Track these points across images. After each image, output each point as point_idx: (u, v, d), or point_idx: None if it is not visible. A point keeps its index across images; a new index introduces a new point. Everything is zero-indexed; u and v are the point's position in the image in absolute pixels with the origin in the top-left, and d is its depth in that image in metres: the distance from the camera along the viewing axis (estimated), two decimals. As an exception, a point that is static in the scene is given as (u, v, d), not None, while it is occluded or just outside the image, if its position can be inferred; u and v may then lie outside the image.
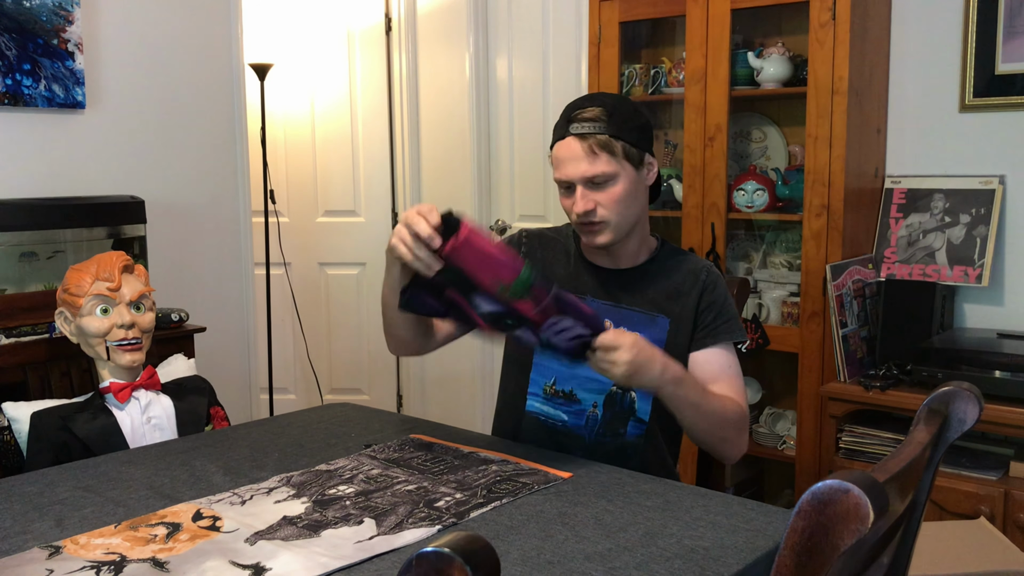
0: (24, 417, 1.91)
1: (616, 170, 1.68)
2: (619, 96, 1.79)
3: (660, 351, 1.58)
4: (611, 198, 1.69)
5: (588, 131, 1.67)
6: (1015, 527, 2.31)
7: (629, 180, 1.70)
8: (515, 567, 1.17)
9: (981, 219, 2.71)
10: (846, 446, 2.63)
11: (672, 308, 1.76)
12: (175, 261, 3.22)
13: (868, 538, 0.83)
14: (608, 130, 1.67)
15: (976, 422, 1.20)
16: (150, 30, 3.15)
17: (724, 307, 1.77)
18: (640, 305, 1.77)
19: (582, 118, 1.69)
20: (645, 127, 1.74)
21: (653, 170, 1.76)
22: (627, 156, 1.69)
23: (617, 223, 1.71)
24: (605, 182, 1.68)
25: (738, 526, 1.31)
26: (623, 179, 1.69)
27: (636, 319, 1.76)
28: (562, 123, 1.72)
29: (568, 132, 1.69)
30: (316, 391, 4.37)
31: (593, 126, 1.67)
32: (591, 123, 1.68)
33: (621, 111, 1.70)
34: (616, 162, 1.68)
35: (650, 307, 1.76)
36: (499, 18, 3.82)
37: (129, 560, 1.21)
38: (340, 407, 2.01)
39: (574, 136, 1.68)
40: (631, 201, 1.71)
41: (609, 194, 1.69)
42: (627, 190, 1.70)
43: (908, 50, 2.85)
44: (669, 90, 3.14)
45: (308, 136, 4.31)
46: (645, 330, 1.74)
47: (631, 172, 1.70)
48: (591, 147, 1.67)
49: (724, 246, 2.93)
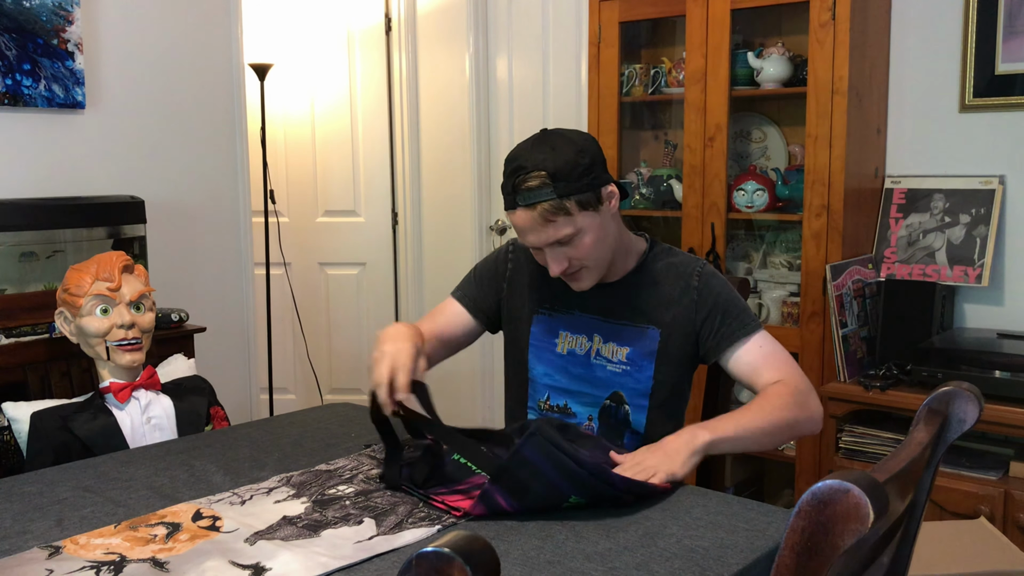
0: (24, 417, 1.91)
1: (578, 226, 1.62)
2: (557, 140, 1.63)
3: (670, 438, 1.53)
4: (583, 250, 1.64)
5: (535, 200, 1.59)
6: (1015, 527, 2.31)
7: (594, 227, 1.64)
8: (515, 567, 1.17)
9: (981, 219, 2.71)
10: (846, 446, 2.63)
11: (663, 317, 1.73)
12: (175, 261, 3.22)
13: (868, 538, 0.83)
14: (556, 193, 1.58)
15: (976, 422, 1.20)
16: (150, 30, 3.15)
17: (729, 306, 1.72)
18: (629, 317, 1.75)
19: (526, 187, 1.60)
20: (591, 167, 1.62)
21: (614, 198, 1.68)
22: (583, 207, 1.61)
23: (595, 266, 1.68)
24: (570, 240, 1.63)
25: (738, 526, 1.31)
26: (588, 230, 1.63)
27: (625, 333, 1.74)
28: (508, 189, 1.63)
29: (516, 204, 1.62)
30: (316, 391, 4.37)
31: (539, 193, 1.59)
32: (535, 191, 1.59)
33: (562, 166, 1.59)
34: (573, 220, 1.61)
35: (639, 319, 1.74)
36: (499, 18, 3.82)
37: (129, 560, 1.21)
38: (340, 407, 2.01)
39: (522, 208, 1.61)
40: (602, 243, 1.67)
41: (579, 248, 1.64)
42: (595, 236, 1.64)
43: (908, 50, 2.85)
44: (669, 90, 3.14)
45: (308, 136, 4.31)
46: (635, 342, 1.73)
47: (593, 219, 1.63)
48: (543, 216, 1.59)
49: (724, 246, 2.93)
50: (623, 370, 1.73)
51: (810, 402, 1.65)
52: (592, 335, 1.76)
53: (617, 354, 1.74)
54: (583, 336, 1.77)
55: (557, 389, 1.79)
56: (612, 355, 1.74)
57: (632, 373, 1.73)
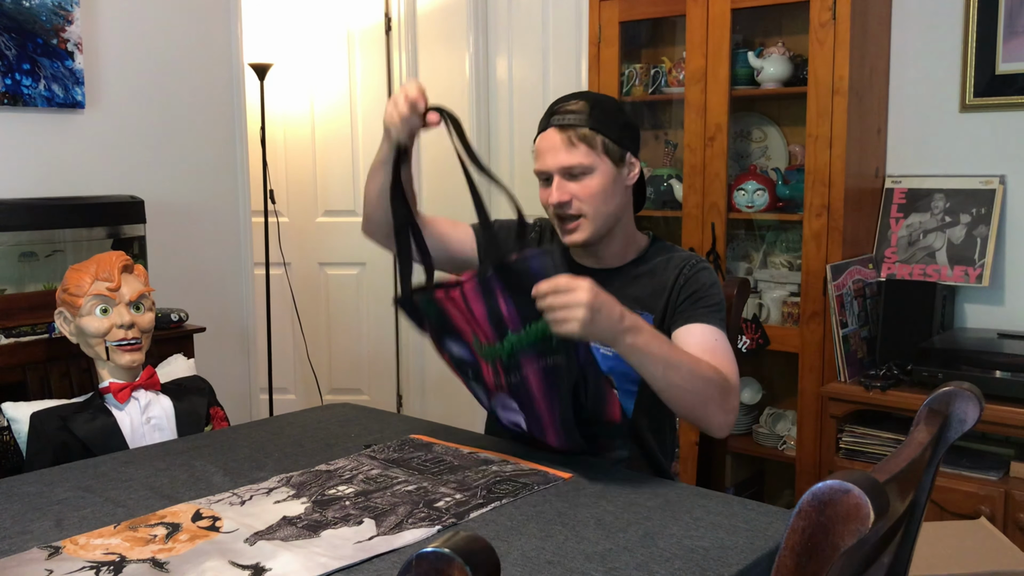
0: (24, 417, 1.91)
1: (593, 162, 1.67)
2: (605, 95, 1.79)
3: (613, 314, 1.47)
4: (587, 191, 1.68)
5: (568, 123, 1.67)
6: (1015, 527, 2.31)
7: (607, 175, 1.69)
8: (515, 567, 1.17)
9: (981, 219, 2.71)
10: (846, 446, 2.63)
11: (656, 304, 1.74)
12: (175, 261, 3.21)
13: (868, 538, 0.82)
14: (588, 123, 1.67)
15: (976, 422, 1.20)
16: (150, 30, 3.15)
17: (703, 294, 1.70)
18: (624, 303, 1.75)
19: (564, 110, 1.69)
20: (629, 126, 1.73)
21: (635, 170, 1.75)
22: (606, 151, 1.68)
23: (593, 217, 1.70)
24: (582, 174, 1.68)
25: (738, 526, 1.31)
26: (600, 173, 1.68)
27: None
28: (545, 116, 1.73)
29: (549, 124, 1.70)
30: (316, 391, 4.37)
31: (574, 118, 1.68)
32: (572, 115, 1.68)
33: (604, 107, 1.70)
34: (594, 155, 1.67)
35: (634, 305, 1.73)
36: (499, 18, 3.82)
37: (129, 560, 1.21)
38: (340, 407, 2.01)
39: (555, 127, 1.69)
40: (608, 197, 1.70)
41: (585, 186, 1.68)
42: (604, 185, 1.69)
43: (908, 50, 2.85)
44: (669, 90, 3.14)
45: (308, 136, 4.31)
46: None
47: (609, 167, 1.69)
48: (570, 138, 1.67)
49: (724, 246, 2.93)
50: (613, 354, 1.73)
51: (728, 401, 1.58)
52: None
53: None
54: None
55: None
56: None
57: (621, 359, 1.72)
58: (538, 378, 1.52)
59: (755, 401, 3.07)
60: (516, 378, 1.54)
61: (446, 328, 1.60)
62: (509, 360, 1.52)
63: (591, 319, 1.42)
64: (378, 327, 4.31)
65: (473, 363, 1.60)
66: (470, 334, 1.56)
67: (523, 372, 1.53)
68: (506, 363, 1.53)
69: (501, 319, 1.50)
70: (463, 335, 1.58)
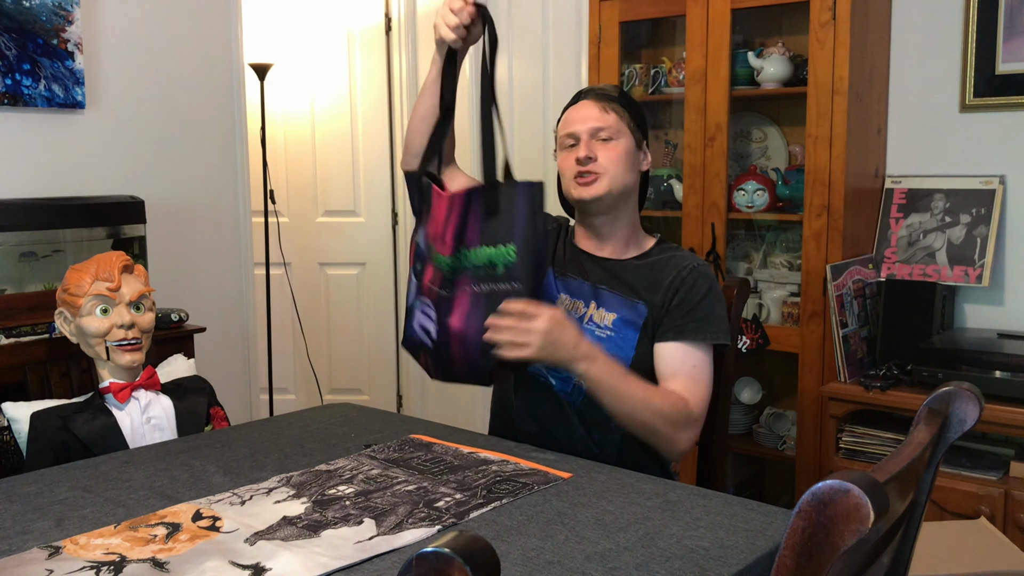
0: (24, 417, 1.91)
1: (621, 130, 1.80)
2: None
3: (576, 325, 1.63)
4: (612, 153, 1.78)
5: (603, 95, 1.82)
6: (1015, 527, 2.31)
7: (629, 146, 1.81)
8: (515, 567, 1.17)
9: (981, 219, 2.71)
10: (846, 446, 2.63)
11: (653, 298, 1.77)
12: (175, 261, 3.22)
13: (868, 538, 0.82)
14: (620, 100, 1.83)
15: (976, 422, 1.20)
16: (150, 30, 3.15)
17: (699, 306, 1.75)
18: (621, 291, 1.80)
19: (595, 88, 1.86)
20: (646, 123, 1.87)
21: (647, 160, 1.87)
22: (630, 128, 1.81)
23: (612, 177, 1.78)
24: (609, 139, 1.78)
25: (738, 526, 1.31)
26: (625, 142, 1.80)
27: (616, 301, 1.79)
28: (575, 97, 1.87)
29: (581, 97, 1.84)
30: (316, 391, 4.37)
31: (607, 94, 1.83)
32: (606, 92, 1.84)
33: (629, 97, 1.87)
34: (623, 124, 1.80)
35: (631, 295, 1.78)
36: (499, 18, 3.81)
37: (129, 560, 1.21)
38: (340, 407, 2.01)
39: (589, 99, 1.82)
40: (628, 165, 1.80)
41: (610, 149, 1.78)
42: (627, 152, 1.80)
43: (908, 50, 2.85)
44: (669, 90, 3.14)
45: (308, 136, 4.31)
46: (622, 311, 1.77)
47: (631, 141, 1.81)
48: (604, 106, 1.80)
49: (724, 246, 2.93)
50: (607, 335, 1.77)
51: (684, 433, 1.67)
52: (588, 302, 1.81)
53: (604, 319, 1.78)
54: (580, 302, 1.82)
55: None
56: (600, 320, 1.79)
57: (615, 340, 1.76)
58: (466, 299, 1.62)
59: (755, 401, 3.07)
60: (447, 292, 1.65)
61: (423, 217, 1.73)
62: (451, 274, 1.64)
63: (544, 346, 1.55)
64: (378, 327, 4.31)
65: (422, 257, 1.71)
66: (433, 236, 1.68)
67: (455, 290, 1.64)
68: (447, 278, 1.64)
69: (464, 234, 1.64)
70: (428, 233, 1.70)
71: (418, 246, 1.74)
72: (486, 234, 1.62)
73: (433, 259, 1.68)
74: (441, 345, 1.68)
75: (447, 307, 1.66)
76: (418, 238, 1.74)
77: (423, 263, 1.71)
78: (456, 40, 1.75)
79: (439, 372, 1.74)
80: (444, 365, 1.71)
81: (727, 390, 2.00)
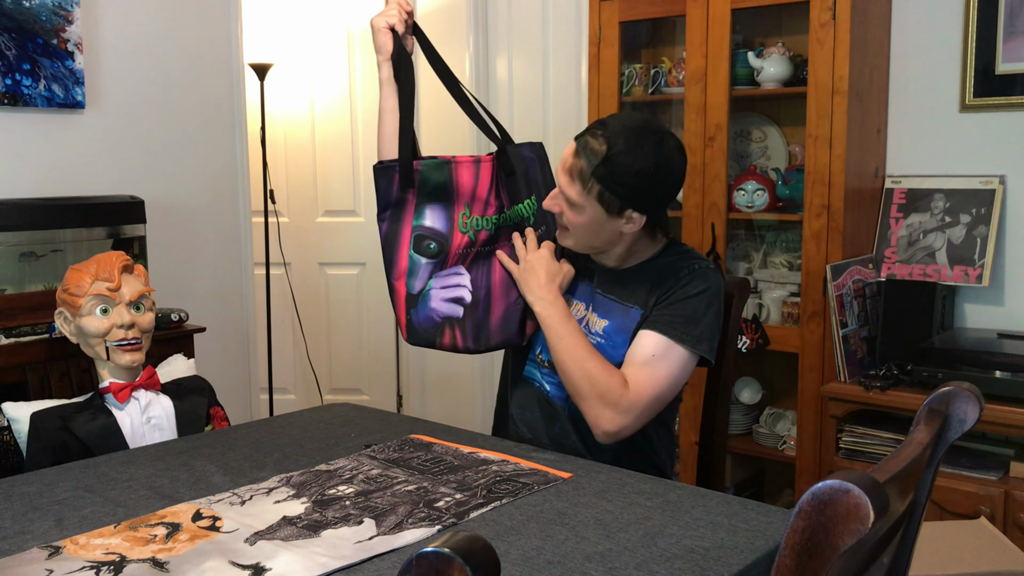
0: (24, 417, 1.91)
1: (581, 203, 1.68)
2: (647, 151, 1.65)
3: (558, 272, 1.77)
4: (570, 218, 1.72)
5: (581, 155, 1.67)
6: (1015, 527, 2.31)
7: (594, 218, 1.68)
8: (515, 567, 1.17)
9: (981, 219, 2.71)
10: (846, 446, 2.63)
11: (647, 301, 1.74)
12: (175, 261, 3.22)
13: (868, 538, 0.82)
14: (595, 170, 1.64)
15: (976, 422, 1.20)
16: (150, 30, 3.15)
17: (683, 302, 1.69)
18: (618, 295, 1.77)
19: (589, 141, 1.67)
20: (639, 189, 1.65)
21: (631, 224, 1.69)
22: (600, 200, 1.66)
23: (576, 239, 1.76)
24: (569, 203, 1.70)
25: (738, 526, 1.31)
26: (587, 214, 1.68)
27: (610, 307, 1.77)
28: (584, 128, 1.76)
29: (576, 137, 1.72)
30: (316, 391, 4.37)
31: (587, 156, 1.66)
32: (590, 151, 1.66)
33: (620, 165, 1.63)
34: (584, 198, 1.67)
35: (628, 299, 1.76)
36: (499, 18, 3.82)
37: (129, 560, 1.21)
38: (340, 407, 2.01)
39: (574, 144, 1.70)
40: (590, 234, 1.72)
41: (570, 214, 1.71)
42: (588, 223, 1.70)
43: (908, 50, 2.85)
44: (669, 90, 3.14)
45: (308, 136, 4.31)
46: (615, 317, 1.76)
47: (598, 212, 1.67)
48: (573, 170, 1.68)
49: (724, 246, 2.93)
50: (597, 342, 1.76)
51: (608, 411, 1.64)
52: (588, 304, 1.81)
53: (596, 325, 1.78)
54: (581, 304, 1.82)
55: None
56: (592, 326, 1.78)
57: (605, 347, 1.75)
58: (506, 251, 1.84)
59: (755, 401, 3.07)
60: (489, 248, 1.83)
61: (437, 195, 1.79)
62: (496, 231, 1.83)
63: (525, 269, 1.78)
64: (378, 327, 4.31)
65: (441, 235, 1.79)
66: (463, 203, 1.81)
67: (498, 244, 1.83)
68: (492, 234, 1.83)
69: (502, 197, 1.83)
70: (454, 204, 1.80)
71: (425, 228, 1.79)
72: (512, 193, 1.83)
73: (470, 225, 1.80)
74: (478, 305, 1.78)
75: (487, 261, 1.81)
76: (423, 218, 1.79)
77: (438, 239, 1.79)
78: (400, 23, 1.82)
79: (473, 339, 1.79)
80: (480, 328, 1.79)
81: (727, 390, 2.00)
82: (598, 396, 1.65)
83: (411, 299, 1.78)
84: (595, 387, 1.65)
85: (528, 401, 1.83)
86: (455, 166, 1.80)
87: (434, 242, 1.78)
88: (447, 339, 1.78)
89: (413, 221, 1.78)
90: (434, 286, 1.77)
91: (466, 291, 1.78)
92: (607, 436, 1.67)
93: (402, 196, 1.78)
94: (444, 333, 1.78)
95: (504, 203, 1.83)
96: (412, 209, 1.79)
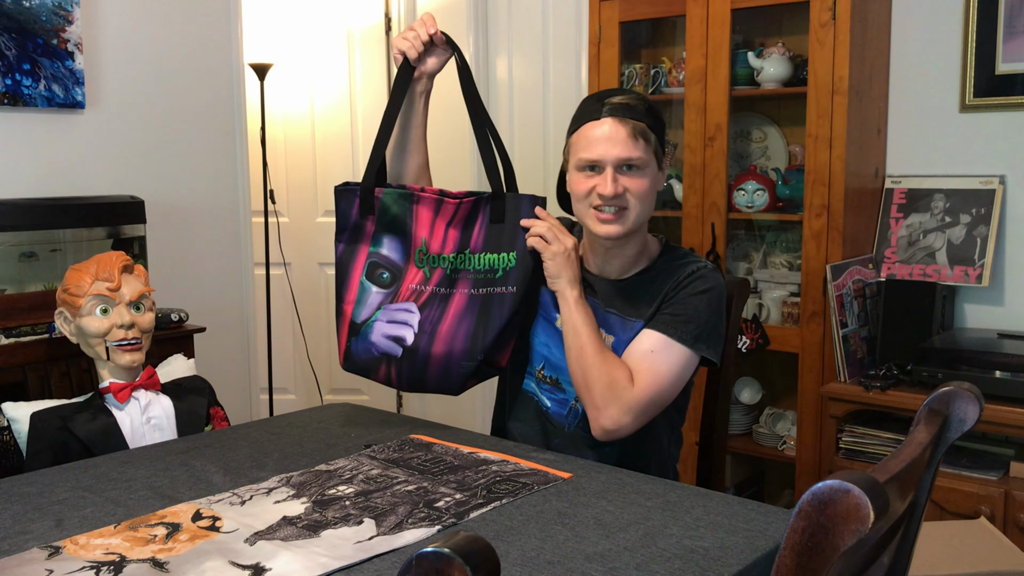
0: (24, 417, 1.91)
1: (649, 160, 1.68)
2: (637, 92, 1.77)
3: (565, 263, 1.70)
4: (638, 187, 1.67)
5: (631, 116, 1.65)
6: (1015, 527, 2.31)
7: (653, 175, 1.70)
8: (515, 567, 1.17)
9: (981, 219, 2.71)
10: (846, 446, 2.63)
11: (649, 311, 1.72)
12: (175, 261, 3.22)
13: (868, 538, 0.82)
14: (647, 121, 1.67)
15: (976, 422, 1.20)
16: (150, 30, 3.15)
17: (684, 302, 1.68)
18: (621, 309, 1.75)
19: (620, 103, 1.66)
20: (664, 134, 1.74)
21: (661, 180, 1.75)
22: (655, 153, 1.69)
23: (637, 215, 1.69)
24: (637, 169, 1.67)
25: (738, 526, 1.31)
26: (651, 172, 1.69)
27: (613, 322, 1.75)
28: (593, 106, 1.69)
29: (604, 113, 1.66)
30: (316, 391, 4.37)
31: (635, 113, 1.66)
32: (632, 109, 1.66)
33: (654, 109, 1.70)
34: (650, 153, 1.68)
35: (631, 313, 1.73)
36: (499, 18, 3.82)
37: (129, 560, 1.21)
38: (340, 407, 2.01)
39: (614, 118, 1.65)
40: (651, 198, 1.71)
41: (637, 183, 1.67)
42: (652, 184, 1.70)
43: (908, 50, 2.85)
44: (669, 90, 3.14)
45: (308, 136, 4.31)
46: (618, 333, 1.74)
47: (655, 169, 1.71)
48: (634, 131, 1.65)
49: (724, 246, 2.93)
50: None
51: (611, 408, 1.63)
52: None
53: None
54: None
55: (551, 362, 1.80)
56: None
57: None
58: (463, 300, 1.73)
59: (755, 401, 3.07)
60: (445, 290, 1.73)
61: (396, 227, 1.75)
62: (452, 272, 1.73)
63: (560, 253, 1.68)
64: (378, 327, 4.31)
65: (396, 266, 1.75)
66: (420, 240, 1.74)
67: (455, 288, 1.73)
68: (448, 274, 1.73)
69: (469, 239, 1.74)
70: (412, 238, 1.74)
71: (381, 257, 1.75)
72: (490, 241, 1.73)
73: (425, 261, 1.72)
74: (418, 349, 1.71)
75: (441, 305, 1.71)
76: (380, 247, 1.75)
77: (393, 269, 1.74)
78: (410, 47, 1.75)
79: (408, 382, 1.76)
80: (417, 371, 1.73)
81: (727, 390, 2.00)
82: (606, 391, 1.63)
83: (354, 327, 1.75)
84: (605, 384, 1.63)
85: (527, 415, 1.82)
86: (417, 200, 1.74)
87: (388, 272, 1.74)
88: (382, 374, 1.76)
89: (370, 247, 1.75)
90: (380, 318, 1.73)
91: (410, 331, 1.72)
92: (606, 434, 1.66)
93: (361, 221, 1.75)
94: (380, 368, 1.75)
95: (469, 245, 1.74)
96: (370, 236, 1.76)
